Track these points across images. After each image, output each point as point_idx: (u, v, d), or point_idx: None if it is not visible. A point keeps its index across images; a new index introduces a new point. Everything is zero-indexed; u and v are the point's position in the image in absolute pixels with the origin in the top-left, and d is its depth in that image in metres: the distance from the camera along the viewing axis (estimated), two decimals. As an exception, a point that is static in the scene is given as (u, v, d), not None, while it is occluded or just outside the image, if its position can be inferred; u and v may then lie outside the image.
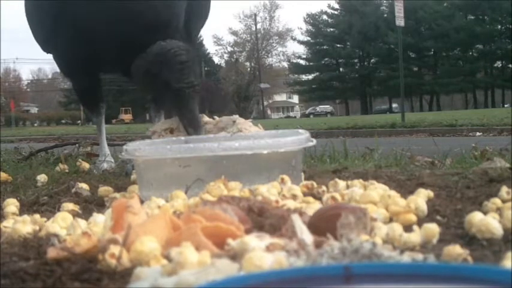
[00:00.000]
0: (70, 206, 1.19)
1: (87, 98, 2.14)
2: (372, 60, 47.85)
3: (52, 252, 0.76)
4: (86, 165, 2.05)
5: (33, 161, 2.51)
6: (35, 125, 43.19)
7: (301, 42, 49.22)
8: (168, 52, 1.64)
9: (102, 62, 1.96)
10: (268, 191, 1.13)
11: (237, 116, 1.73)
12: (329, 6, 54.28)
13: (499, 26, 41.97)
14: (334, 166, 1.80)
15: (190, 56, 1.66)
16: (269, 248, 0.67)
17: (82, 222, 0.94)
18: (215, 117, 1.77)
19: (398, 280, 0.46)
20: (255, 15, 49.07)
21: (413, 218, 0.96)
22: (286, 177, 1.23)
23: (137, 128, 15.86)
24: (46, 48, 2.04)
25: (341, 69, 49.22)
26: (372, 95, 47.78)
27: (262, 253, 0.63)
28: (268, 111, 53.20)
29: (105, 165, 2.04)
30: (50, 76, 61.92)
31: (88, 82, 2.06)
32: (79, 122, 41.20)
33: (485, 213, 0.93)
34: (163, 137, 1.69)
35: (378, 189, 1.13)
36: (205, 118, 1.77)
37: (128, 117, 40.70)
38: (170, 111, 1.89)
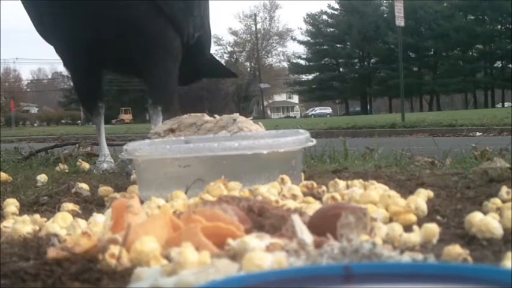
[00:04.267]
0: (70, 206, 1.19)
1: (86, 97, 2.13)
2: (372, 60, 47.87)
3: (52, 252, 0.76)
4: (86, 165, 2.05)
5: (33, 161, 2.51)
6: (35, 125, 43.17)
7: (301, 42, 49.25)
8: None
9: (97, 59, 1.97)
10: (268, 191, 1.13)
11: (238, 114, 1.73)
12: (329, 6, 54.33)
13: (499, 26, 41.99)
14: (334, 166, 1.80)
15: None
16: (269, 248, 0.67)
17: (82, 222, 0.94)
18: (215, 116, 1.77)
19: (398, 280, 0.46)
20: (255, 15, 49.12)
21: (413, 218, 0.96)
22: (286, 177, 1.23)
23: (137, 128, 15.86)
24: (46, 38, 2.05)
25: (341, 69, 49.25)
26: (372, 95, 47.79)
27: (262, 253, 0.63)
28: (268, 111, 53.21)
29: (105, 166, 2.04)
30: (50, 76, 61.99)
31: (86, 78, 2.06)
32: (79, 122, 41.17)
33: (485, 213, 0.93)
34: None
35: (377, 189, 1.13)
36: (206, 117, 1.77)
37: (127, 117, 40.67)
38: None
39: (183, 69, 2.04)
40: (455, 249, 0.71)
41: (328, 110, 47.74)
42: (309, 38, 49.28)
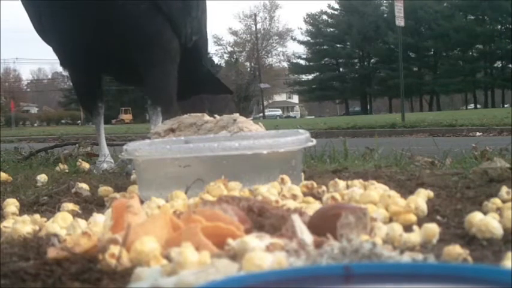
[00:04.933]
0: (70, 206, 1.19)
1: (85, 97, 2.13)
2: (372, 60, 47.89)
3: (52, 252, 0.76)
4: (86, 165, 2.05)
5: (33, 161, 2.51)
6: (35, 125, 43.17)
7: (301, 42, 49.28)
8: None
9: (96, 59, 1.96)
10: (268, 191, 1.13)
11: (238, 114, 1.72)
12: (329, 6, 54.41)
13: (499, 26, 42.01)
14: (334, 166, 1.80)
15: None
16: (269, 248, 0.67)
17: (82, 222, 0.94)
18: (215, 116, 1.77)
19: (398, 280, 0.46)
20: (255, 15, 49.14)
21: (413, 218, 0.96)
22: (286, 177, 1.23)
23: (137, 128, 15.86)
24: (44, 38, 2.04)
25: (341, 69, 49.30)
26: (372, 95, 47.80)
27: (262, 253, 0.63)
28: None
29: (105, 166, 2.04)
30: (50, 76, 62.01)
31: (85, 78, 2.05)
32: (79, 122, 41.18)
33: (485, 213, 0.93)
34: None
35: (377, 189, 1.13)
36: (206, 117, 1.76)
37: (127, 117, 40.64)
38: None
39: (182, 81, 2.04)
40: (455, 249, 0.71)
41: (278, 112, 48.16)
42: (309, 38, 49.31)
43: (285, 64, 51.60)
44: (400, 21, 11.19)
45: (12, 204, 1.19)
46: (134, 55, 1.92)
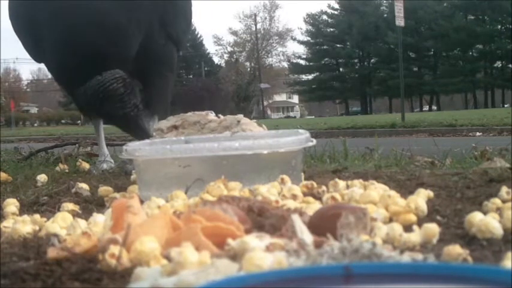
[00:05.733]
0: (70, 206, 1.19)
1: (83, 107, 2.11)
2: (372, 60, 47.88)
3: (52, 252, 0.76)
4: (86, 165, 2.05)
5: (33, 161, 2.51)
6: (35, 125, 43.15)
7: (301, 42, 49.29)
8: (105, 86, 1.74)
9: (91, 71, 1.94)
10: (268, 191, 1.13)
11: (242, 115, 1.72)
12: (329, 6, 54.46)
13: (499, 26, 41.98)
14: (334, 166, 1.80)
15: (127, 83, 1.77)
16: (269, 248, 0.67)
17: (82, 222, 0.94)
18: (220, 116, 1.77)
19: (398, 280, 0.46)
20: (255, 15, 49.13)
21: (413, 218, 0.96)
22: (286, 177, 1.23)
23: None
24: (36, 56, 2.04)
25: (341, 69, 49.30)
26: (372, 95, 47.80)
27: (262, 253, 0.63)
28: (268, 111, 53.22)
29: (104, 166, 2.04)
30: (50, 76, 61.91)
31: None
32: (79, 122, 41.16)
33: (485, 213, 0.93)
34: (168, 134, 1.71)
35: (378, 189, 1.13)
36: (210, 116, 1.76)
37: (128, 117, 40.52)
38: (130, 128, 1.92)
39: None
40: (455, 249, 0.71)
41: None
42: (309, 38, 49.32)
43: (285, 64, 51.65)
44: (400, 21, 11.19)
45: (12, 204, 1.19)
46: (138, 68, 1.93)
